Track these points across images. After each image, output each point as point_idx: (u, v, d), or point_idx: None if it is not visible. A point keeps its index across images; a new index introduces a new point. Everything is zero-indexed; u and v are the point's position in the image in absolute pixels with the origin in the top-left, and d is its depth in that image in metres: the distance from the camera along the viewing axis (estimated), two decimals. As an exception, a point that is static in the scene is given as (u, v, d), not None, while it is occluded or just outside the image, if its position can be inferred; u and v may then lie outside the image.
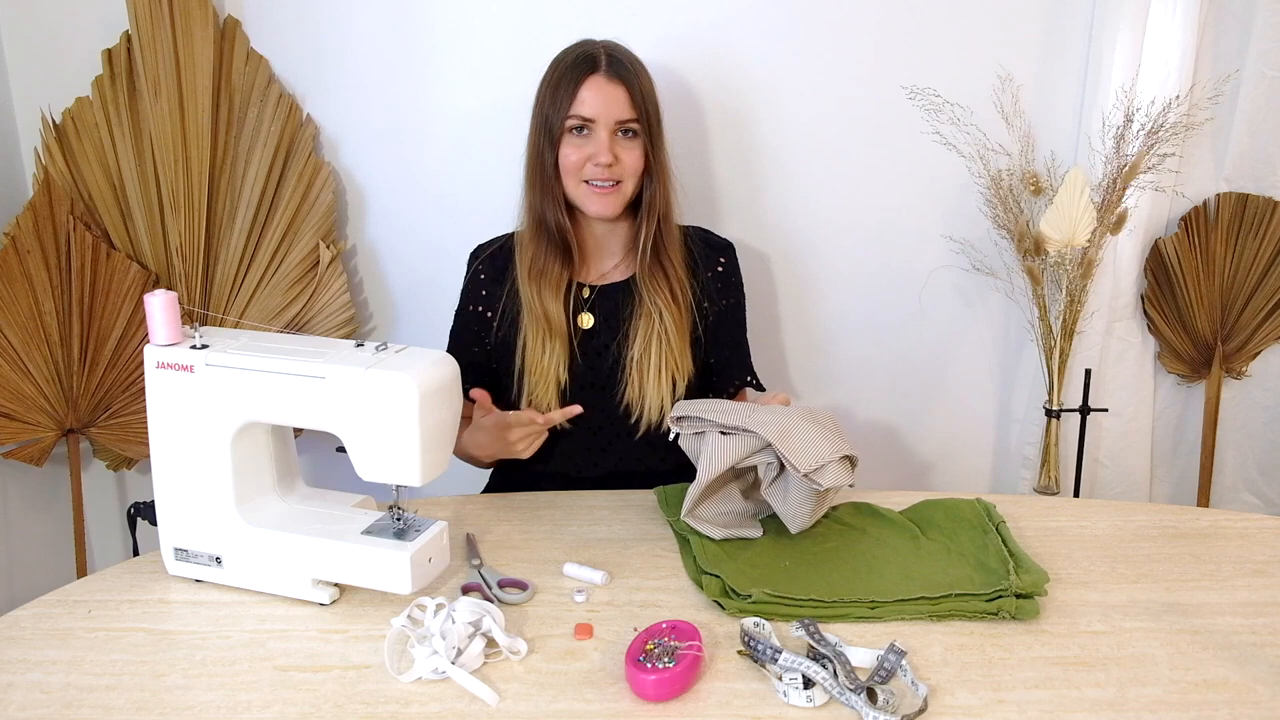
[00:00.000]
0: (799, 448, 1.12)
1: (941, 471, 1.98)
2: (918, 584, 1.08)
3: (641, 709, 0.90)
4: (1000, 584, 1.05)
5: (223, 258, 1.74)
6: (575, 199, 1.38)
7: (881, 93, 1.73)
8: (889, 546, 1.18)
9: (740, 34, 1.71)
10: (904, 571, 1.12)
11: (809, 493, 1.13)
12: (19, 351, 1.65)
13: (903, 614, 1.04)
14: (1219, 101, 1.74)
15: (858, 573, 1.11)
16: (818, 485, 1.11)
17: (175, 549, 1.12)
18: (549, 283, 1.39)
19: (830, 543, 1.19)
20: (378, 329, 1.90)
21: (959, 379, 1.92)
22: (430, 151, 1.78)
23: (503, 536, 1.24)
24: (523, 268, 1.41)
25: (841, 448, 1.13)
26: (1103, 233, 1.68)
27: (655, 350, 1.39)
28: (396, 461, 1.03)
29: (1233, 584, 1.11)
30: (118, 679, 0.94)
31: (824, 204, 1.81)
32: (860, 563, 1.14)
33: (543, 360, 1.39)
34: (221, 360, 1.04)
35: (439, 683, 0.93)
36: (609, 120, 1.34)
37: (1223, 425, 1.91)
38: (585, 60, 1.34)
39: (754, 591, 1.04)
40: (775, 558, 1.15)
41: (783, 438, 1.12)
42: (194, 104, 1.66)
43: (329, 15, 1.70)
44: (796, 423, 1.15)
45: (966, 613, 1.04)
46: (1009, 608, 1.03)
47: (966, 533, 1.18)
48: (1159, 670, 0.95)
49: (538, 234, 1.40)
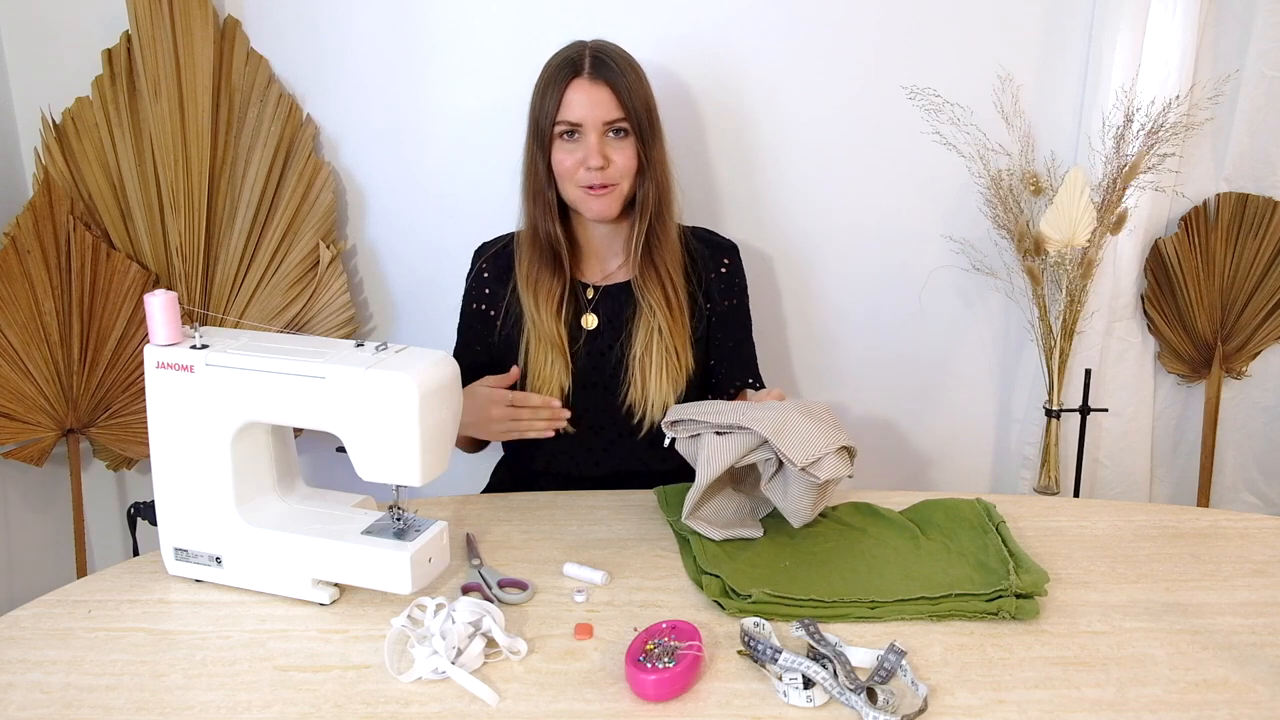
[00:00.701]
0: (795, 441, 1.12)
1: (941, 471, 1.98)
2: (917, 584, 1.08)
3: (641, 709, 0.90)
4: (1000, 584, 1.05)
5: (223, 258, 1.74)
6: (573, 203, 1.38)
7: (882, 93, 1.73)
8: (889, 546, 1.18)
9: (741, 34, 1.71)
10: (904, 571, 1.11)
11: (808, 486, 1.13)
12: (19, 351, 1.65)
13: (903, 614, 1.04)
14: (1219, 101, 1.74)
15: (857, 572, 1.11)
16: (815, 478, 1.11)
17: (175, 549, 1.12)
18: (543, 291, 1.39)
19: (830, 542, 1.19)
20: (378, 329, 1.90)
21: (959, 379, 1.92)
22: (430, 151, 1.78)
23: (503, 536, 1.24)
24: (520, 273, 1.42)
25: (838, 439, 1.13)
26: (1103, 233, 1.68)
27: (656, 350, 1.39)
28: (396, 461, 1.03)
29: (1233, 584, 1.11)
30: (118, 679, 0.94)
31: (824, 204, 1.81)
32: (860, 562, 1.14)
33: (544, 367, 1.39)
34: (221, 360, 1.04)
35: (439, 683, 0.93)
36: (596, 122, 1.33)
37: (1223, 425, 1.91)
38: (568, 64, 1.34)
39: (754, 591, 1.04)
40: (775, 557, 1.15)
41: (778, 433, 1.12)
42: (194, 104, 1.67)
43: (329, 15, 1.71)
44: (792, 416, 1.14)
45: (966, 613, 1.04)
46: (1009, 608, 1.03)
47: (966, 533, 1.18)
48: (1159, 670, 0.95)
49: (533, 241, 1.41)
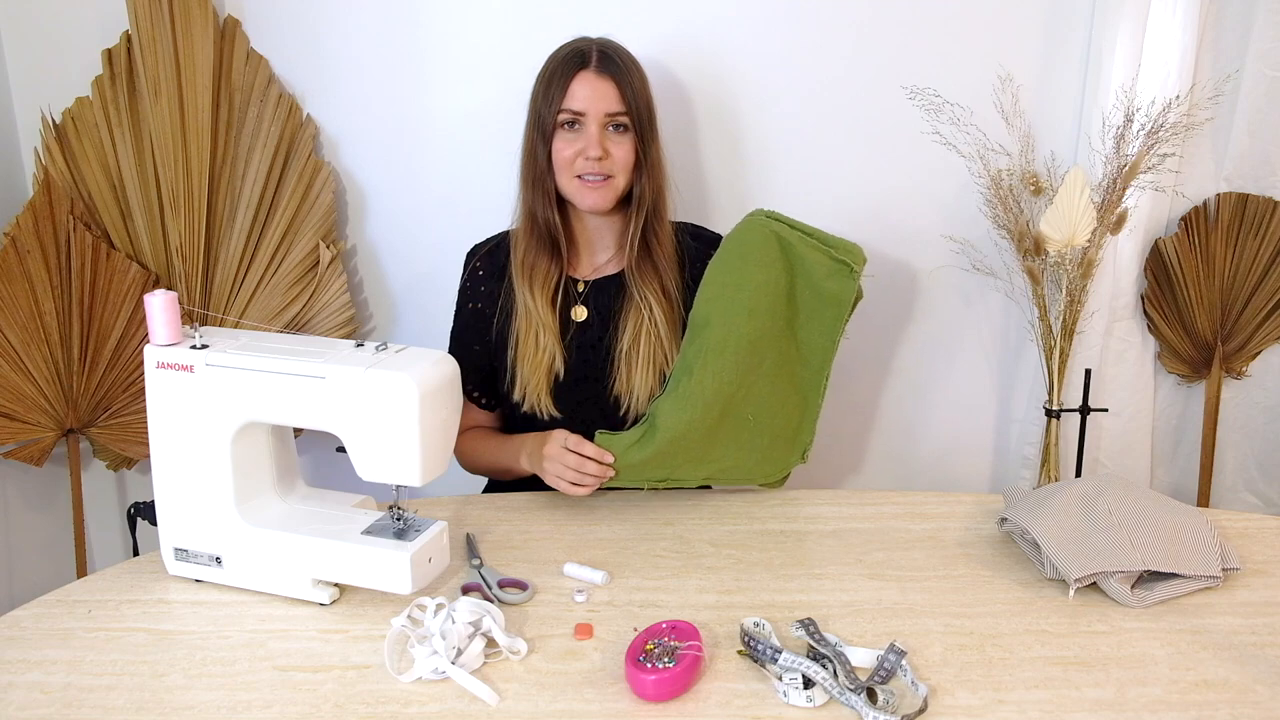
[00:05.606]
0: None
1: (941, 471, 1.98)
2: None
3: (641, 709, 0.90)
4: None
5: (223, 258, 1.74)
6: (568, 193, 1.40)
7: (881, 93, 1.73)
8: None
9: (740, 34, 1.71)
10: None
11: None
12: (19, 351, 1.65)
13: None
14: (1219, 101, 1.74)
15: None
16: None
17: (175, 549, 1.12)
18: (539, 279, 1.40)
19: None
20: (378, 329, 1.90)
21: (959, 379, 1.92)
22: (430, 151, 1.78)
23: (503, 536, 1.24)
24: (515, 262, 1.42)
25: None
26: (1103, 233, 1.68)
27: (644, 343, 1.40)
28: (396, 461, 1.03)
29: (1233, 584, 1.11)
30: (118, 679, 0.95)
31: (824, 204, 1.80)
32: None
33: (535, 354, 1.39)
34: (221, 360, 1.04)
35: (439, 683, 0.94)
36: (598, 114, 1.35)
37: (1223, 425, 1.91)
38: (576, 56, 1.36)
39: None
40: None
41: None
42: (194, 104, 1.66)
43: (329, 15, 1.70)
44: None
45: None
46: None
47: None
48: (1159, 670, 0.95)
49: (529, 230, 1.41)
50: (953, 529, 1.27)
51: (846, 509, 1.33)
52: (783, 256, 1.34)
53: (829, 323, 1.35)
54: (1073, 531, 1.12)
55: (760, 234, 1.34)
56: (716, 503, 1.35)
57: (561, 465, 1.26)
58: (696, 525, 1.28)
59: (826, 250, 1.33)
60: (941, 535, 1.25)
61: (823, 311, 1.35)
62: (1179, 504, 1.18)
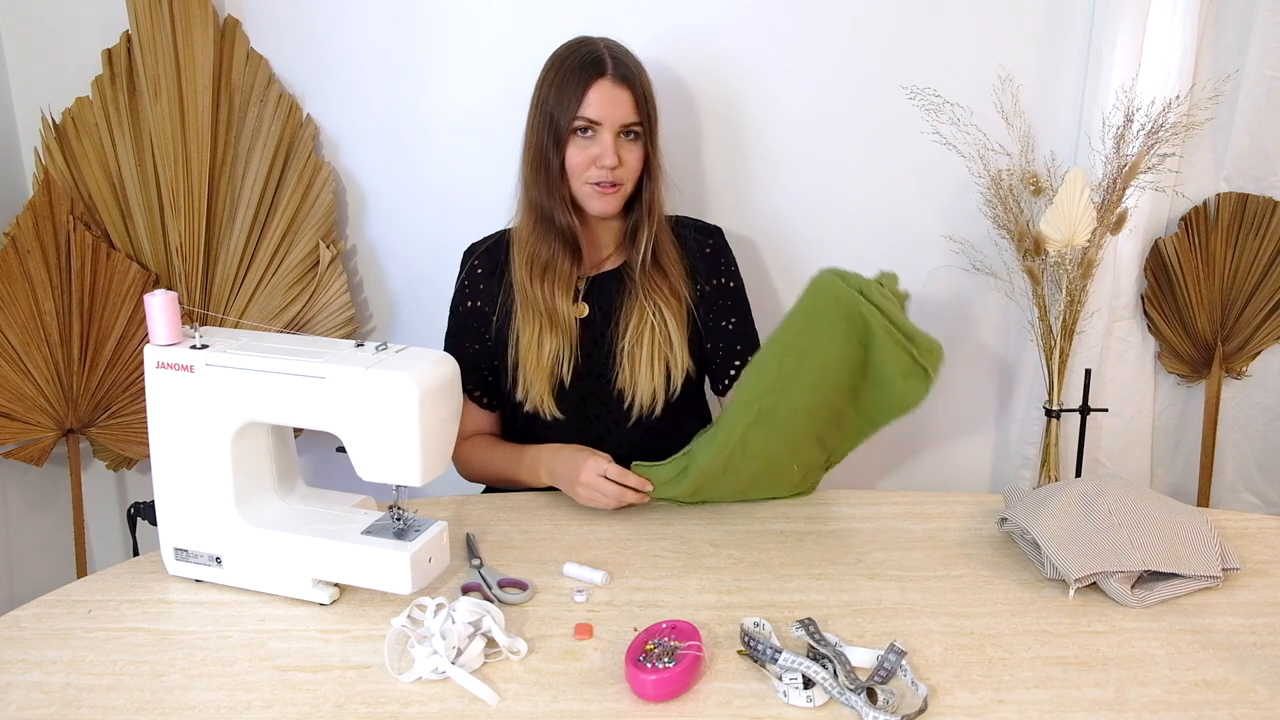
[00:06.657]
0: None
1: (941, 471, 1.98)
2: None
3: (641, 709, 0.90)
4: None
5: (223, 258, 1.74)
6: (579, 199, 1.40)
7: (881, 92, 1.73)
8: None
9: (740, 34, 1.71)
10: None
11: None
12: (19, 351, 1.65)
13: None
14: (1219, 101, 1.74)
15: None
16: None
17: (175, 549, 1.12)
18: (560, 280, 1.40)
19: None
20: (378, 329, 1.90)
21: (959, 379, 1.92)
22: (430, 151, 1.78)
23: (503, 536, 1.24)
24: (523, 264, 1.41)
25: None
26: (1103, 233, 1.68)
27: (648, 338, 1.40)
28: (396, 461, 1.03)
29: (1233, 584, 1.11)
30: (118, 679, 0.95)
31: (824, 204, 1.81)
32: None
33: (541, 353, 1.39)
34: (221, 360, 1.04)
35: (439, 683, 0.94)
36: (614, 123, 1.35)
37: (1223, 425, 1.91)
38: (593, 63, 1.35)
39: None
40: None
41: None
42: (194, 104, 1.66)
43: (329, 15, 1.70)
44: None
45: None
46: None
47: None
48: (1159, 670, 0.95)
49: (545, 232, 1.40)
50: (953, 529, 1.27)
51: (846, 509, 1.33)
52: (862, 344, 1.25)
53: (887, 413, 1.32)
54: (1073, 531, 1.12)
55: (844, 310, 1.23)
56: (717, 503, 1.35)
57: (599, 494, 1.27)
58: (696, 525, 1.28)
59: (910, 350, 1.23)
60: (941, 535, 1.25)
61: (884, 402, 1.30)
62: (1179, 504, 1.18)
